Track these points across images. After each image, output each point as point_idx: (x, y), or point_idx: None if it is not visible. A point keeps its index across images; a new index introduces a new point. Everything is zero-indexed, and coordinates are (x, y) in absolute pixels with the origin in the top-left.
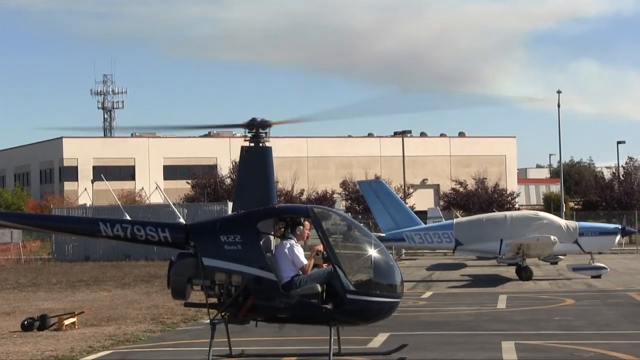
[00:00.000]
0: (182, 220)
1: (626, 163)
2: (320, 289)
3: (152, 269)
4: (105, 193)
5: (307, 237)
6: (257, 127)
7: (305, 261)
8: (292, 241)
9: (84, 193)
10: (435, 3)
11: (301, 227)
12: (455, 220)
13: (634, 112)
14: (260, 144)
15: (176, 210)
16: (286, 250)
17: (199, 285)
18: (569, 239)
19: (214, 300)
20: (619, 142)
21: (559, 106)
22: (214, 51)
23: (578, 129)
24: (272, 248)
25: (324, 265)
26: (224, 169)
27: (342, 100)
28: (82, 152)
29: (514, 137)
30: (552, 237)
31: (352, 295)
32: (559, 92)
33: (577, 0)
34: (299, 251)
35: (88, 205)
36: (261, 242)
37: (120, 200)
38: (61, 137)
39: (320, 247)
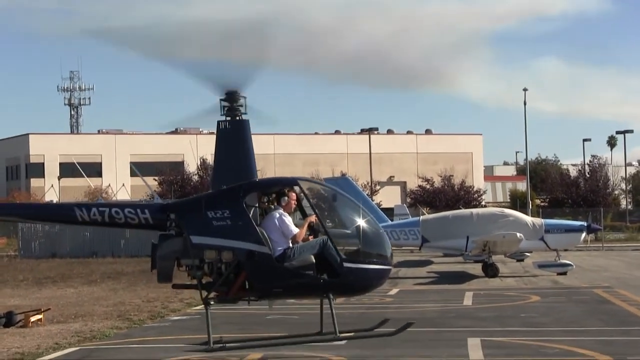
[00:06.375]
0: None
1: (591, 161)
2: (314, 260)
3: (119, 265)
4: (72, 190)
5: (294, 209)
6: (232, 100)
7: (295, 230)
8: (281, 211)
9: (51, 189)
10: (396, 2)
11: (286, 197)
12: (421, 218)
13: (598, 111)
14: (237, 117)
15: (155, 193)
16: (276, 221)
17: (186, 266)
18: (535, 236)
19: (201, 280)
20: (584, 140)
21: (524, 104)
22: (179, 48)
23: (544, 127)
24: (258, 221)
25: (310, 238)
26: (191, 165)
27: (304, 98)
28: (49, 148)
29: (481, 134)
30: (518, 234)
31: (346, 264)
32: (524, 89)
33: None
34: (289, 220)
35: (55, 202)
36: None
37: (87, 198)
38: (27, 134)
39: (314, 218)
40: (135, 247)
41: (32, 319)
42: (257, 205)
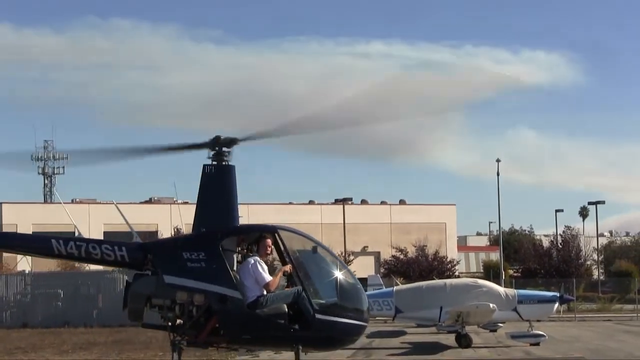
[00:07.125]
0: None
1: (563, 231)
2: (286, 309)
3: (91, 335)
4: (45, 260)
5: (270, 254)
6: (220, 145)
7: (268, 278)
8: (257, 257)
9: (23, 259)
10: (372, 72)
11: (263, 244)
12: (395, 288)
13: (571, 182)
14: (223, 163)
15: (134, 232)
16: (250, 267)
17: (157, 306)
18: (508, 307)
19: (173, 322)
20: (557, 211)
21: (498, 174)
22: (152, 117)
23: (517, 197)
24: (234, 267)
25: (287, 287)
26: (165, 235)
27: (281, 168)
28: (22, 217)
29: (454, 204)
30: (491, 305)
31: (320, 316)
32: (498, 160)
33: (515, 70)
34: (263, 268)
35: (27, 271)
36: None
37: (60, 267)
38: (0, 203)
39: (289, 268)
40: (108, 317)
41: None
42: (235, 250)
